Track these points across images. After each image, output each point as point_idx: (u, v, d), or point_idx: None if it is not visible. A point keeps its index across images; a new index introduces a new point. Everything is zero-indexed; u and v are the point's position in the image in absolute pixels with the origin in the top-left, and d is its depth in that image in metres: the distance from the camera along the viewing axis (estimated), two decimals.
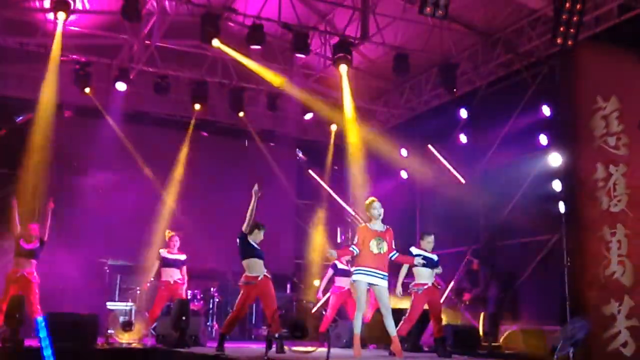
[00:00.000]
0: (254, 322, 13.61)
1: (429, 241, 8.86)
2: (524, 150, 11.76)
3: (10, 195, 10.29)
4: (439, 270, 9.05)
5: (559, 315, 10.32)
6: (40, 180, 12.88)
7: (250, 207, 7.92)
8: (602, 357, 8.89)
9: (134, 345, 9.63)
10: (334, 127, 15.44)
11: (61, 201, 12.65)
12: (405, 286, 9.02)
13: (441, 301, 9.65)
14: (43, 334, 7.20)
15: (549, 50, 11.40)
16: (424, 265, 8.22)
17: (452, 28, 12.19)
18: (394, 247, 7.63)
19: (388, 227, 7.65)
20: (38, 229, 9.73)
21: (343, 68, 12.01)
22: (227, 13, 11.71)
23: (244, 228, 8.00)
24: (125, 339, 9.83)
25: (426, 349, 9.78)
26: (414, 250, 8.81)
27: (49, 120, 12.56)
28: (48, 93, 12.32)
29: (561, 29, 10.50)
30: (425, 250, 8.77)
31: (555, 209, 11.02)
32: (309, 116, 14.93)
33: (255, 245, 8.08)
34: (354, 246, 7.61)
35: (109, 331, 9.88)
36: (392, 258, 7.63)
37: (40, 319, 7.13)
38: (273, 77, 13.26)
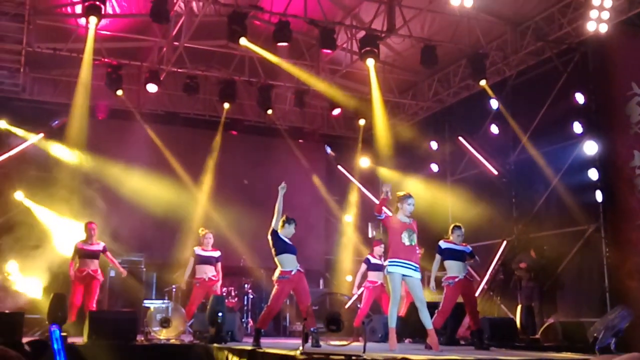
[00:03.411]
0: (288, 318, 13.64)
1: (458, 234, 8.84)
2: (558, 139, 11.59)
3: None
4: (476, 261, 9.01)
5: (599, 307, 10.18)
6: (77, 182, 13.16)
7: (277, 204, 7.96)
8: None
9: (172, 341, 9.74)
10: (362, 122, 15.41)
11: (97, 201, 12.96)
12: (438, 281, 8.97)
13: (476, 294, 9.56)
14: (57, 346, 7.30)
15: (580, 36, 11.23)
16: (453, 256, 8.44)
17: (480, 18, 12.07)
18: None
19: (414, 219, 7.65)
20: (97, 228, 10.35)
21: (370, 62, 11.96)
22: (253, 11, 11.73)
23: (273, 224, 8.04)
24: (163, 335, 9.94)
25: (462, 342, 9.71)
26: (442, 243, 8.79)
27: (83, 123, 12.80)
28: (81, 97, 12.55)
29: (593, 14, 10.35)
30: (455, 243, 8.75)
31: (592, 198, 10.86)
32: (336, 112, 14.92)
33: (287, 241, 8.10)
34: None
35: (149, 328, 9.99)
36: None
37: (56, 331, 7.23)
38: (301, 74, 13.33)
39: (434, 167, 14.82)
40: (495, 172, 13.14)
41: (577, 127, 11.26)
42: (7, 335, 7.82)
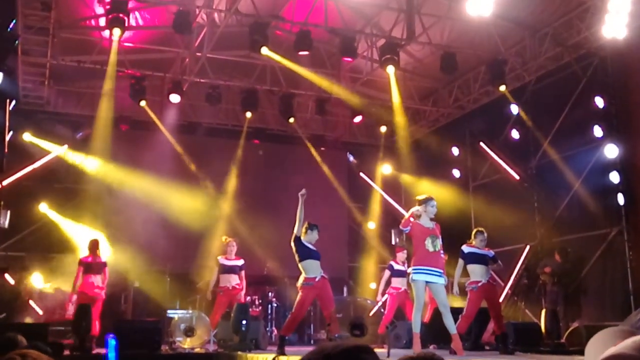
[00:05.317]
0: (312, 326, 13.68)
1: (481, 239, 8.86)
2: (579, 143, 11.60)
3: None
4: (499, 265, 9.02)
5: (623, 310, 10.13)
6: (101, 193, 13.33)
7: (299, 210, 8.02)
8: None
9: (196, 350, 9.84)
10: (383, 129, 15.48)
11: (121, 212, 13.12)
12: (462, 286, 8.99)
13: (500, 299, 9.55)
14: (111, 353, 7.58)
15: (598, 41, 11.21)
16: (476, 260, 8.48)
17: (498, 24, 12.10)
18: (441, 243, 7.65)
19: (436, 223, 7.68)
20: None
21: (390, 69, 12.03)
22: (274, 21, 11.87)
23: (295, 231, 8.10)
24: (188, 344, 10.04)
25: (487, 347, 9.70)
26: (465, 248, 8.81)
27: (107, 134, 13.00)
28: (105, 108, 12.75)
29: (611, 19, 10.34)
30: (478, 248, 8.77)
31: (614, 201, 10.86)
32: (358, 119, 15.00)
33: (311, 247, 8.15)
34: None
35: (174, 338, 10.09)
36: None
37: (112, 341, 7.53)
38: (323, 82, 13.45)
39: (456, 173, 14.85)
40: (517, 177, 13.14)
41: (598, 131, 11.27)
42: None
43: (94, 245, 10.39)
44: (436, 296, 7.61)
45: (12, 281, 12.14)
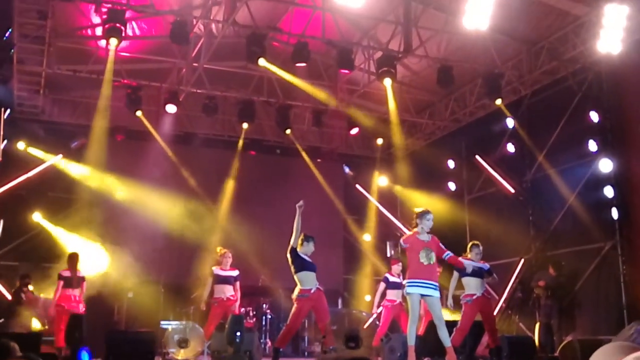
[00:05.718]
0: (306, 338, 13.62)
1: (476, 252, 8.89)
2: (573, 157, 11.66)
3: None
4: (494, 279, 9.02)
5: (617, 324, 10.14)
6: (96, 203, 13.29)
7: (295, 222, 8.02)
8: None
9: None
10: (380, 141, 15.50)
11: (116, 222, 13.07)
12: (456, 298, 8.99)
13: (495, 313, 9.55)
14: None
15: (593, 56, 11.28)
16: (471, 273, 8.39)
17: (495, 38, 12.15)
18: (443, 247, 7.64)
19: (432, 235, 7.68)
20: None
21: (387, 82, 12.07)
22: (272, 33, 11.89)
23: (292, 242, 8.10)
24: (181, 356, 9.98)
25: None
26: (461, 260, 8.81)
27: (102, 144, 12.97)
28: (101, 118, 12.72)
29: (606, 34, 10.41)
30: (473, 261, 8.77)
31: (608, 215, 10.89)
32: (354, 131, 15.01)
33: (307, 258, 8.16)
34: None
35: (168, 349, 10.03)
36: (446, 258, 7.66)
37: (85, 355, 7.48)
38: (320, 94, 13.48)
39: (452, 186, 14.87)
40: (512, 191, 13.16)
41: (592, 145, 11.32)
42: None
43: (73, 260, 10.37)
44: (431, 309, 7.61)
45: (3, 290, 12.05)
